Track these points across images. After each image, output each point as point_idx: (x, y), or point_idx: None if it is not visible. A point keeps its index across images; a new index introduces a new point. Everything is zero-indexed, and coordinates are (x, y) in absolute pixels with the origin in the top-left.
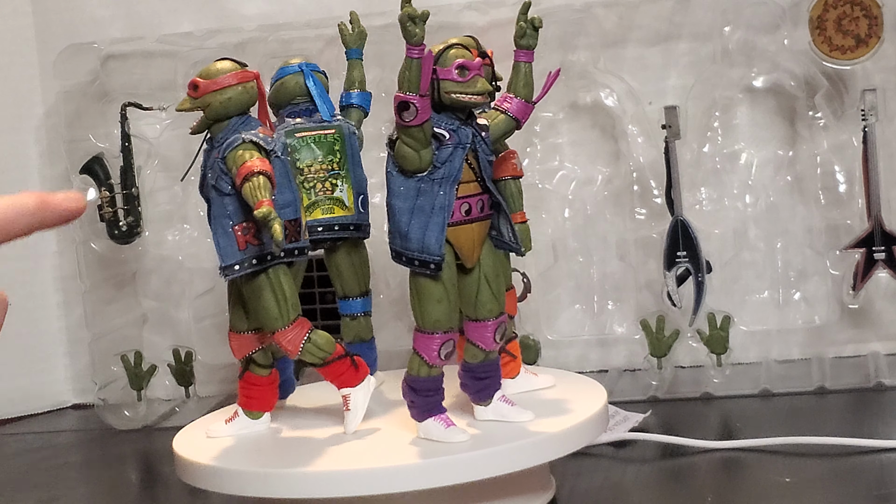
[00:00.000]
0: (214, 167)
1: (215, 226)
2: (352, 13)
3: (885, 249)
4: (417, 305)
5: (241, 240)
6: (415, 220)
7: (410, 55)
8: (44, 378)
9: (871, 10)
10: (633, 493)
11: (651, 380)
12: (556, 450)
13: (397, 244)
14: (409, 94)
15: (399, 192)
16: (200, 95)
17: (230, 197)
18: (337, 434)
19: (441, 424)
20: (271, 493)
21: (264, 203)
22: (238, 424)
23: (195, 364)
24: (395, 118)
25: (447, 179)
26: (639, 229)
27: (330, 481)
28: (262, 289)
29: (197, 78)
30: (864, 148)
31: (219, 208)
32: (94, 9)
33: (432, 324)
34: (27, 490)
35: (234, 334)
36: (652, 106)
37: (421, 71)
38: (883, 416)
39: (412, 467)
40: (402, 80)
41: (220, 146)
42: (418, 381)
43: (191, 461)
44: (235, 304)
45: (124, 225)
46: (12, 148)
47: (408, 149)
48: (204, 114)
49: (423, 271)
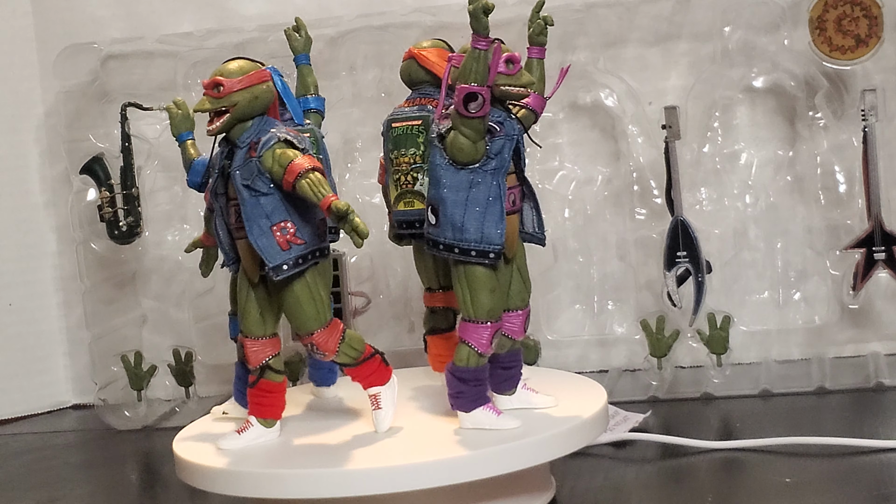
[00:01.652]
0: (247, 167)
1: (251, 227)
2: (297, 19)
3: (885, 249)
4: (469, 296)
5: (282, 240)
6: (469, 211)
7: (479, 46)
8: (44, 378)
9: (871, 10)
10: (633, 494)
11: (651, 380)
12: (556, 450)
13: (448, 236)
14: (477, 85)
15: (450, 185)
16: (225, 95)
17: (267, 197)
18: (335, 434)
19: (492, 413)
20: (270, 494)
21: (332, 198)
22: (252, 434)
23: (195, 364)
24: (458, 110)
25: (499, 171)
26: (639, 229)
27: (329, 482)
28: (302, 290)
29: (219, 77)
30: (864, 148)
31: (254, 209)
32: (94, 9)
33: (486, 313)
34: (27, 490)
35: (251, 340)
36: (652, 106)
37: (489, 63)
38: (883, 416)
39: (412, 467)
40: (469, 72)
41: (245, 146)
42: (468, 372)
43: (191, 462)
44: (251, 308)
45: (124, 225)
46: (12, 148)
47: (466, 140)
48: (230, 113)
49: (480, 261)
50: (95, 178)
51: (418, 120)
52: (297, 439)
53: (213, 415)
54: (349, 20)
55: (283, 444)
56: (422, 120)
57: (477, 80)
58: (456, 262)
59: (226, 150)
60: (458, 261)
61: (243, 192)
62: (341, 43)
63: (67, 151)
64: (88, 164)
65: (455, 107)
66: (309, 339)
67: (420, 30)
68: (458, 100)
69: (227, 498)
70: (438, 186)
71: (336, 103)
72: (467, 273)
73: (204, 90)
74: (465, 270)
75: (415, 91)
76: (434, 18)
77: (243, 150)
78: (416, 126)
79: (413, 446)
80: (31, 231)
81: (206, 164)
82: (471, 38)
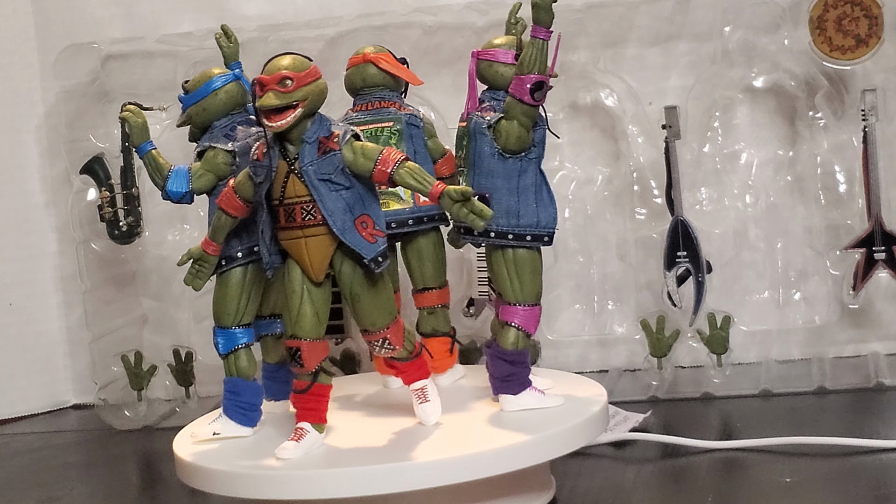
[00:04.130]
0: (326, 161)
1: (335, 221)
2: (224, 26)
3: (886, 249)
4: (516, 280)
5: (365, 234)
6: (522, 198)
7: (541, 36)
8: (44, 378)
9: (871, 10)
10: (633, 493)
11: (651, 380)
12: (556, 450)
13: (501, 223)
14: (542, 74)
15: (502, 174)
16: (295, 89)
17: (348, 191)
18: (332, 435)
19: (537, 394)
20: (270, 495)
21: (440, 184)
22: (309, 441)
23: (195, 364)
24: (524, 99)
25: (541, 158)
26: (639, 229)
27: (328, 482)
28: (384, 284)
29: (286, 72)
30: (864, 148)
31: (336, 203)
32: (94, 9)
33: (535, 296)
34: (27, 490)
35: (308, 342)
36: (652, 106)
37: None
38: (883, 416)
39: (412, 467)
40: (533, 62)
41: (313, 141)
42: (518, 354)
43: (191, 462)
44: (307, 309)
45: (124, 225)
46: (12, 148)
47: (522, 130)
48: (301, 108)
49: (535, 245)
50: (95, 178)
51: (389, 122)
52: None
53: (200, 437)
54: (349, 20)
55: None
56: (393, 121)
57: (540, 70)
58: (499, 248)
59: (277, 148)
60: (503, 246)
61: (321, 188)
62: (341, 43)
63: (67, 151)
64: (88, 164)
65: (518, 96)
66: (382, 334)
67: (420, 30)
68: (523, 89)
69: (227, 498)
70: (490, 176)
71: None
72: (515, 257)
73: (265, 85)
74: (514, 255)
75: (366, 95)
76: (434, 18)
77: (312, 146)
78: (389, 128)
79: (413, 446)
80: (31, 231)
81: (186, 172)
82: (531, 29)
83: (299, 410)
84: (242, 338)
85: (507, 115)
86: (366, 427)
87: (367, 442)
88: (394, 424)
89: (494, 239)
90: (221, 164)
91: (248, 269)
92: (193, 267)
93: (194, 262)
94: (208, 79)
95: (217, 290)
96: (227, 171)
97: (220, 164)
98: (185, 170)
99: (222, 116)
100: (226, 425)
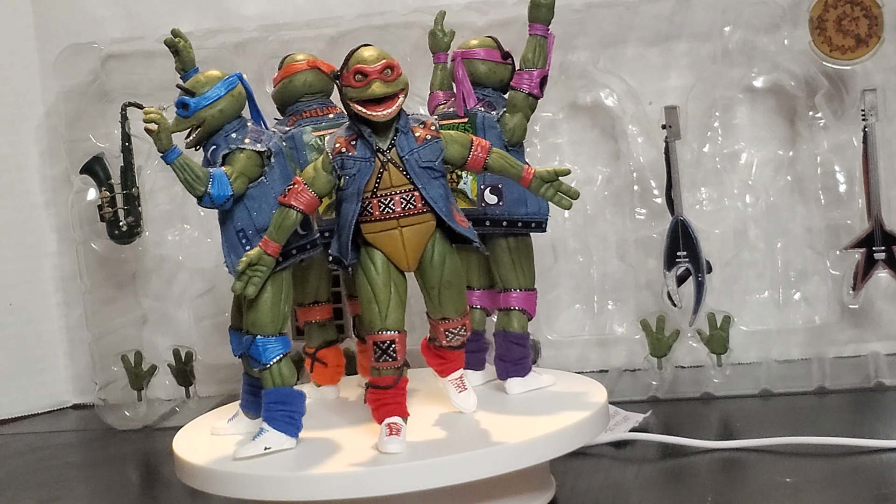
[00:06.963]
0: (429, 148)
1: (441, 208)
2: (175, 30)
3: (885, 249)
4: (521, 266)
5: (460, 220)
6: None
7: (541, 34)
8: (44, 378)
9: (871, 10)
10: (633, 493)
11: (651, 380)
12: (556, 449)
13: (512, 212)
14: (542, 68)
15: None
16: (396, 78)
17: (443, 178)
18: (332, 435)
19: (537, 375)
20: (270, 496)
21: (531, 167)
22: (405, 433)
23: (195, 364)
24: (534, 93)
25: (524, 149)
26: (639, 229)
27: (328, 483)
28: (463, 272)
29: (389, 60)
30: (864, 148)
31: (438, 191)
32: (94, 9)
33: (533, 280)
34: (27, 490)
35: (401, 334)
36: (652, 106)
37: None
38: (883, 416)
39: (412, 467)
40: (537, 58)
41: (407, 130)
42: (525, 338)
43: (191, 462)
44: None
45: (124, 225)
46: (12, 148)
47: (526, 121)
48: (402, 96)
49: (538, 231)
50: (95, 178)
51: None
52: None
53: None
54: (349, 20)
55: None
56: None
57: (542, 64)
58: (505, 236)
59: (373, 139)
60: (510, 234)
61: (422, 176)
62: (341, 43)
63: (67, 151)
64: (88, 164)
65: (529, 90)
66: (462, 320)
67: (420, 30)
68: (533, 83)
69: (227, 498)
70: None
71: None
72: (520, 244)
73: (367, 76)
74: (520, 242)
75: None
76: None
77: (408, 135)
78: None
79: (413, 446)
80: (31, 231)
81: (224, 175)
82: (530, 27)
83: (386, 407)
84: (285, 346)
85: (512, 108)
86: (366, 428)
87: (368, 443)
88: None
89: (506, 227)
90: (254, 165)
91: (287, 272)
92: (246, 273)
93: (248, 268)
94: (218, 80)
95: (265, 295)
96: (258, 172)
97: (252, 165)
98: (222, 173)
99: (235, 118)
100: (273, 437)
